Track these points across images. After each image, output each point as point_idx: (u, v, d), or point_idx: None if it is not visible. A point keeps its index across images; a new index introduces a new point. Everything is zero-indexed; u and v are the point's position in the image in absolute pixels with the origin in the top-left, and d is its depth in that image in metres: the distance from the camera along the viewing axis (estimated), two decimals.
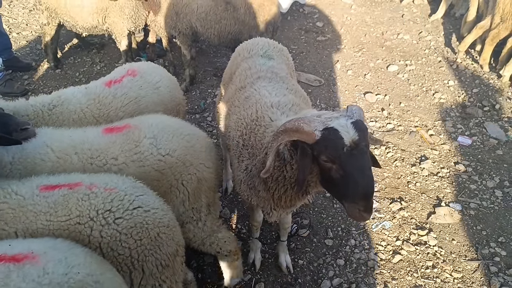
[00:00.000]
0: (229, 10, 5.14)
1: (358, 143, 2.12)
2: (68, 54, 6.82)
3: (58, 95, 3.05)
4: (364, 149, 2.16)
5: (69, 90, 3.14)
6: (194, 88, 6.04)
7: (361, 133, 2.15)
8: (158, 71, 3.42)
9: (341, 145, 2.10)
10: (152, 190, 2.60)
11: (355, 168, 2.12)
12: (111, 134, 2.64)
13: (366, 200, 2.13)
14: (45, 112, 2.93)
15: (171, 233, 2.35)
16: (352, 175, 2.12)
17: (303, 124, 2.16)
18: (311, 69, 6.63)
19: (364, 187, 2.12)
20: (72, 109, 2.98)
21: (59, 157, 2.52)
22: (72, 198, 2.19)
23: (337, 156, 2.12)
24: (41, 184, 2.26)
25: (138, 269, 2.25)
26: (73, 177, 2.33)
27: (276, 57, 3.28)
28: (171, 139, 2.68)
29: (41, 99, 3.01)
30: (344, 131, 2.11)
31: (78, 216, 2.16)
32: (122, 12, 5.42)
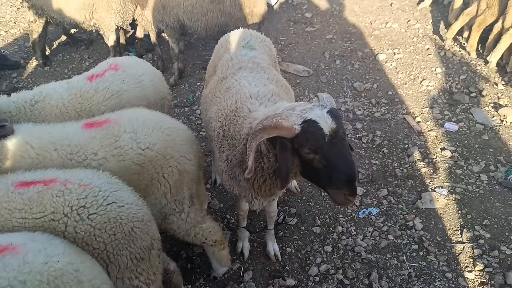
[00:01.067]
0: (215, 3, 5.16)
1: (336, 131, 2.19)
2: (57, 51, 6.84)
3: (39, 91, 3.08)
4: (343, 136, 2.22)
5: (50, 85, 3.17)
6: (183, 82, 6.07)
7: (338, 121, 2.21)
8: (141, 65, 3.45)
9: (321, 135, 2.15)
10: (133, 183, 2.66)
11: (337, 155, 2.19)
12: (91, 129, 2.67)
13: (350, 185, 2.21)
14: (27, 108, 2.96)
15: (145, 227, 2.40)
16: (335, 162, 2.19)
17: (281, 120, 2.20)
18: (299, 60, 6.66)
19: (348, 172, 2.19)
20: (54, 104, 3.01)
21: (39, 153, 2.55)
22: (47, 194, 2.23)
23: (319, 146, 2.17)
24: (16, 180, 2.30)
25: (114, 263, 2.30)
26: (49, 173, 2.37)
27: (258, 47, 3.31)
28: (151, 133, 2.72)
29: (23, 95, 3.03)
30: (322, 121, 2.17)
31: (52, 212, 2.19)
32: (110, 7, 5.43)
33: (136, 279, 2.42)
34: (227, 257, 3.35)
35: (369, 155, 4.73)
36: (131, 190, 2.48)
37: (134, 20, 5.85)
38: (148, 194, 2.79)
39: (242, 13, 5.16)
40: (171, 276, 3.02)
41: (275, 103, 2.66)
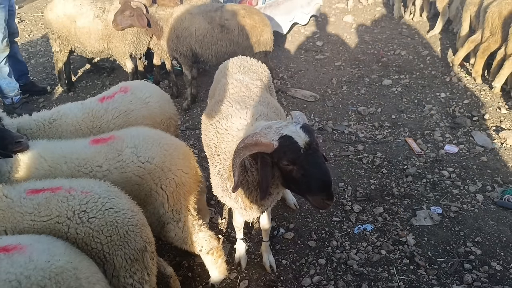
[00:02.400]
0: (223, 32, 5.53)
1: (310, 143, 2.46)
2: (81, 78, 7.34)
3: (57, 110, 3.46)
4: (316, 148, 2.48)
5: (67, 105, 3.55)
6: (195, 106, 6.42)
7: (311, 134, 2.49)
8: (149, 88, 3.80)
9: (297, 148, 2.43)
10: (134, 193, 2.97)
11: (312, 165, 2.47)
12: (97, 145, 3.01)
13: (327, 190, 2.48)
14: (46, 125, 3.33)
15: (139, 231, 2.66)
16: (312, 171, 2.46)
17: (260, 137, 2.48)
18: (308, 85, 6.96)
19: (323, 179, 2.47)
20: (70, 122, 3.38)
21: (51, 166, 2.89)
22: (53, 200, 2.53)
23: (296, 158, 2.45)
24: (28, 188, 2.62)
25: (110, 262, 2.57)
26: (56, 182, 2.68)
27: (251, 73, 3.61)
28: (150, 148, 3.03)
29: (42, 114, 3.42)
30: (296, 136, 2.45)
31: (57, 216, 2.49)
32: (124, 38, 5.91)
33: (130, 278, 2.67)
34: (224, 266, 3.57)
35: (368, 175, 4.92)
36: (128, 198, 2.77)
37: (150, 49, 6.30)
38: (147, 204, 3.07)
39: (249, 42, 5.51)
40: (168, 280, 3.27)
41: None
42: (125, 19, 5.63)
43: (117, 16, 5.62)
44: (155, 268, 2.92)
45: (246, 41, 5.52)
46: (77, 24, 5.93)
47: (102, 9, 5.91)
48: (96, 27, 5.89)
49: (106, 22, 5.87)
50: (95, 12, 5.89)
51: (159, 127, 3.72)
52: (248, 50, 5.56)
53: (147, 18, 5.72)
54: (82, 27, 5.92)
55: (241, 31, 5.48)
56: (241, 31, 5.48)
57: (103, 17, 5.88)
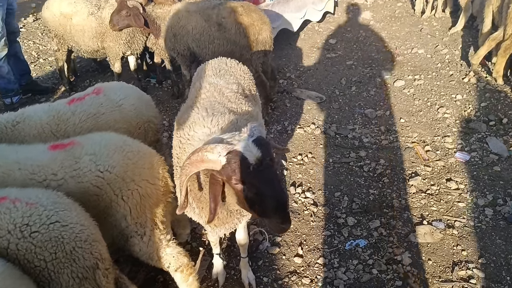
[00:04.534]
0: (221, 31, 5.27)
1: (262, 159, 2.17)
2: (85, 77, 7.25)
3: (22, 112, 3.29)
4: (269, 163, 2.20)
5: (33, 107, 3.37)
6: None
7: (264, 149, 2.19)
8: (124, 90, 3.59)
9: (246, 164, 2.14)
10: (92, 205, 2.75)
11: (264, 184, 2.18)
12: (55, 151, 2.80)
13: (281, 212, 2.19)
14: (8, 128, 3.16)
15: (88, 247, 2.44)
16: (263, 191, 2.18)
17: (206, 152, 2.21)
18: (315, 86, 6.63)
19: (276, 199, 2.17)
20: (33, 125, 3.19)
21: (4, 172, 2.70)
22: None
23: (246, 175, 2.17)
24: None
25: (55, 280, 2.35)
26: (2, 191, 2.49)
27: (228, 76, 3.35)
28: (112, 156, 2.80)
29: (6, 116, 3.25)
30: (246, 151, 2.16)
31: None
32: (118, 37, 5.74)
33: None
34: (196, 284, 3.31)
35: (368, 184, 4.58)
36: (80, 211, 2.55)
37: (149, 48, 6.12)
38: (108, 216, 2.86)
39: (247, 41, 5.24)
40: None
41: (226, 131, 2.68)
42: (122, 19, 5.47)
43: (114, 16, 5.46)
44: (112, 287, 2.71)
45: (244, 40, 5.25)
46: (72, 21, 5.79)
47: (97, 6, 5.75)
48: (90, 24, 5.74)
49: (101, 20, 5.71)
50: (90, 9, 5.74)
51: (135, 131, 3.51)
52: (246, 49, 5.29)
53: (144, 17, 5.54)
54: (77, 24, 5.77)
55: (238, 30, 5.21)
56: (238, 29, 5.21)
57: (97, 14, 5.72)
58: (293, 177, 4.75)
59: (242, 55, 5.31)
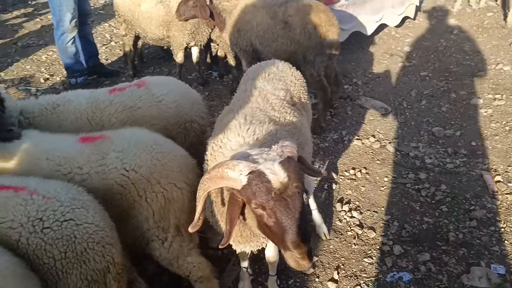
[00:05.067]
0: (285, 29, 5.05)
1: (287, 185, 1.94)
2: (151, 64, 7.34)
3: (63, 96, 3.30)
4: (295, 191, 1.96)
5: (75, 92, 3.38)
6: None
7: (291, 174, 1.96)
8: (169, 86, 3.48)
9: (268, 189, 1.92)
10: (115, 203, 2.68)
11: (285, 214, 1.95)
12: (84, 144, 2.75)
13: (299, 248, 1.95)
14: (48, 110, 3.18)
15: (101, 250, 2.36)
16: (282, 222, 1.95)
17: (227, 169, 2.01)
18: (382, 95, 6.21)
19: (295, 233, 1.94)
20: (71, 110, 3.19)
21: (32, 160, 2.69)
22: (13, 201, 2.29)
23: (266, 201, 1.95)
24: None
25: (63, 280, 2.28)
26: (23, 180, 2.45)
27: (276, 81, 3.12)
28: (139, 155, 2.70)
29: (48, 98, 3.27)
30: (271, 173, 1.94)
31: (11, 220, 2.25)
32: (184, 27, 5.70)
33: None
34: None
35: (423, 211, 4.17)
36: (99, 210, 2.47)
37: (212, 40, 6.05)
38: (130, 216, 2.77)
39: (311, 42, 4.97)
40: None
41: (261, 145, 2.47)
42: (188, 10, 5.43)
43: (181, 6, 5.43)
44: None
45: (308, 41, 4.99)
46: (141, 8, 5.85)
47: None
48: (157, 12, 5.77)
49: (168, 9, 5.71)
50: None
51: (174, 130, 3.40)
52: (309, 51, 5.03)
53: (210, 9, 5.45)
54: (145, 11, 5.84)
55: (303, 30, 4.96)
56: (304, 29, 4.95)
57: (166, 3, 5.73)
58: (341, 193, 4.45)
59: (305, 56, 5.07)
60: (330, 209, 4.25)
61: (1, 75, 7.21)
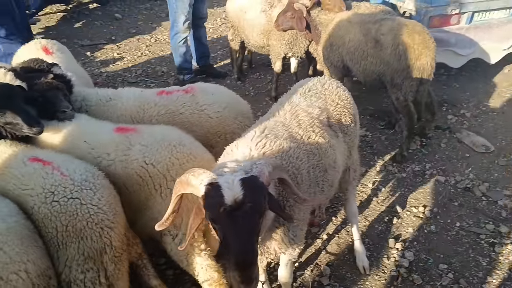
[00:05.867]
0: (377, 48, 4.78)
1: (241, 203, 1.86)
2: (258, 70, 7.55)
3: (118, 91, 3.57)
4: (248, 211, 1.87)
5: (131, 89, 3.61)
6: None
7: (249, 192, 1.87)
8: (218, 96, 3.54)
9: (220, 203, 1.87)
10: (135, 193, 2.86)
11: (232, 232, 1.88)
12: (118, 133, 2.97)
13: (241, 270, 1.85)
14: (102, 102, 3.47)
15: (99, 231, 2.53)
16: (228, 239, 1.89)
17: (191, 176, 2.02)
18: (489, 132, 5.50)
19: (239, 254, 1.85)
20: (120, 106, 3.43)
21: (73, 141, 3.00)
22: (38, 173, 2.60)
23: (216, 216, 1.90)
24: (32, 155, 2.76)
25: (62, 250, 2.51)
26: (53, 156, 2.76)
27: (314, 98, 2.98)
28: (160, 151, 2.83)
29: (106, 91, 3.57)
30: (226, 188, 1.88)
31: (32, 188, 2.55)
32: (282, 37, 5.77)
33: (81, 274, 2.57)
34: None
35: (490, 270, 3.59)
36: (107, 195, 2.65)
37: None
38: (148, 207, 2.93)
39: (400, 65, 4.63)
40: None
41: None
42: (286, 20, 5.47)
43: (280, 16, 5.50)
44: (123, 274, 2.78)
45: (397, 63, 4.66)
46: (247, 15, 6.09)
47: (270, 5, 5.92)
48: (260, 21, 5.95)
49: (270, 18, 5.84)
50: (263, 6, 5.93)
51: (213, 139, 3.47)
52: (398, 73, 4.69)
53: (307, 21, 5.42)
54: (249, 19, 6.07)
55: (394, 50, 4.64)
56: (395, 50, 4.64)
57: (268, 12, 5.88)
58: (401, 229, 4.07)
59: (393, 79, 4.75)
60: (382, 244, 3.92)
61: (129, 65, 8.10)
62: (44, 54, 4.30)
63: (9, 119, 2.92)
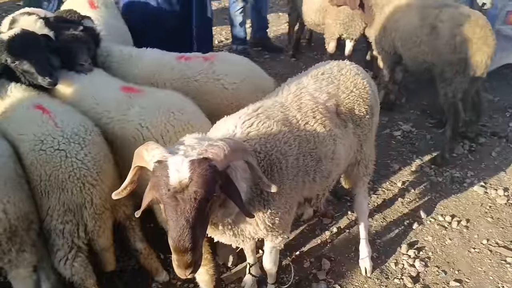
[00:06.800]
0: (432, 36, 4.36)
1: (185, 186, 1.75)
2: (317, 49, 7.22)
3: (140, 51, 3.53)
4: (192, 196, 1.74)
5: (151, 50, 3.55)
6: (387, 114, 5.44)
7: (197, 176, 1.75)
8: (235, 67, 3.40)
9: (166, 184, 1.77)
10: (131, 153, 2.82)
11: (172, 215, 1.76)
12: (122, 92, 2.95)
13: (177, 254, 1.76)
14: (123, 60, 3.46)
15: (80, 186, 2.55)
16: (169, 221, 1.79)
17: (145, 150, 1.91)
18: None
19: (175, 239, 1.74)
20: (138, 66, 3.40)
21: (81, 96, 3.03)
22: (35, 120, 2.65)
23: (161, 195, 1.80)
24: (37, 103, 2.80)
25: (45, 199, 2.56)
26: (54, 106, 2.81)
27: (326, 82, 2.74)
28: (157, 116, 2.76)
29: (129, 50, 3.56)
30: (174, 169, 1.77)
31: (26, 134, 2.61)
32: (337, 16, 5.49)
33: (61, 224, 2.61)
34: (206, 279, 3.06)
35: None
36: (95, 152, 2.64)
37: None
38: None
39: (453, 57, 4.19)
40: (137, 255, 3.09)
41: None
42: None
43: None
44: (104, 232, 2.80)
45: (451, 55, 4.22)
46: None
47: None
48: None
49: None
50: None
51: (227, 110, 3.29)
52: (449, 67, 4.27)
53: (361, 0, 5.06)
54: None
55: (449, 41, 4.21)
56: (450, 40, 4.20)
57: None
58: (419, 236, 3.75)
59: (443, 72, 4.35)
60: (394, 248, 3.64)
61: None
62: (88, 6, 4.36)
63: (26, 68, 2.99)
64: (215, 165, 1.80)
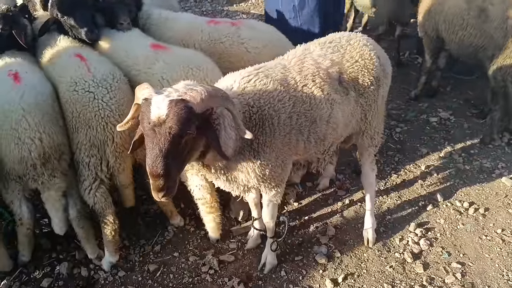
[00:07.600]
0: (480, 19, 4.28)
1: (162, 122, 2.03)
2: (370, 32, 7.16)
3: (176, 15, 3.90)
4: (167, 131, 2.03)
5: (186, 14, 3.89)
6: (427, 101, 5.39)
7: (172, 114, 2.03)
8: (260, 33, 3.62)
9: (147, 118, 2.07)
10: None
11: (150, 145, 2.08)
12: (151, 48, 3.28)
13: (152, 178, 2.09)
14: (160, 22, 3.80)
15: (103, 124, 2.95)
16: (147, 150, 2.11)
17: (139, 89, 2.23)
18: None
19: (149, 165, 2.07)
20: (171, 28, 3.71)
21: (113, 51, 3.40)
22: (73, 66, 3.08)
23: (143, 128, 2.12)
24: (77, 52, 3.21)
25: (75, 133, 3.02)
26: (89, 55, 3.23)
27: (331, 51, 2.87)
28: (177, 71, 3.06)
29: (166, 13, 3.88)
30: (155, 106, 2.06)
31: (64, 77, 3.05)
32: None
33: (87, 157, 3.04)
34: (213, 225, 3.38)
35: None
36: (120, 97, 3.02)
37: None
38: None
39: (504, 41, 4.10)
40: None
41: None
42: None
43: None
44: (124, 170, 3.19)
45: (502, 40, 4.15)
46: None
47: None
48: None
49: None
50: None
51: None
52: (500, 50, 4.19)
53: None
54: None
55: (501, 24, 4.14)
56: (502, 24, 4.12)
57: None
58: (431, 217, 3.77)
59: (494, 56, 4.31)
60: (402, 225, 3.71)
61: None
62: None
63: (73, 23, 3.43)
64: (191, 107, 2.06)
